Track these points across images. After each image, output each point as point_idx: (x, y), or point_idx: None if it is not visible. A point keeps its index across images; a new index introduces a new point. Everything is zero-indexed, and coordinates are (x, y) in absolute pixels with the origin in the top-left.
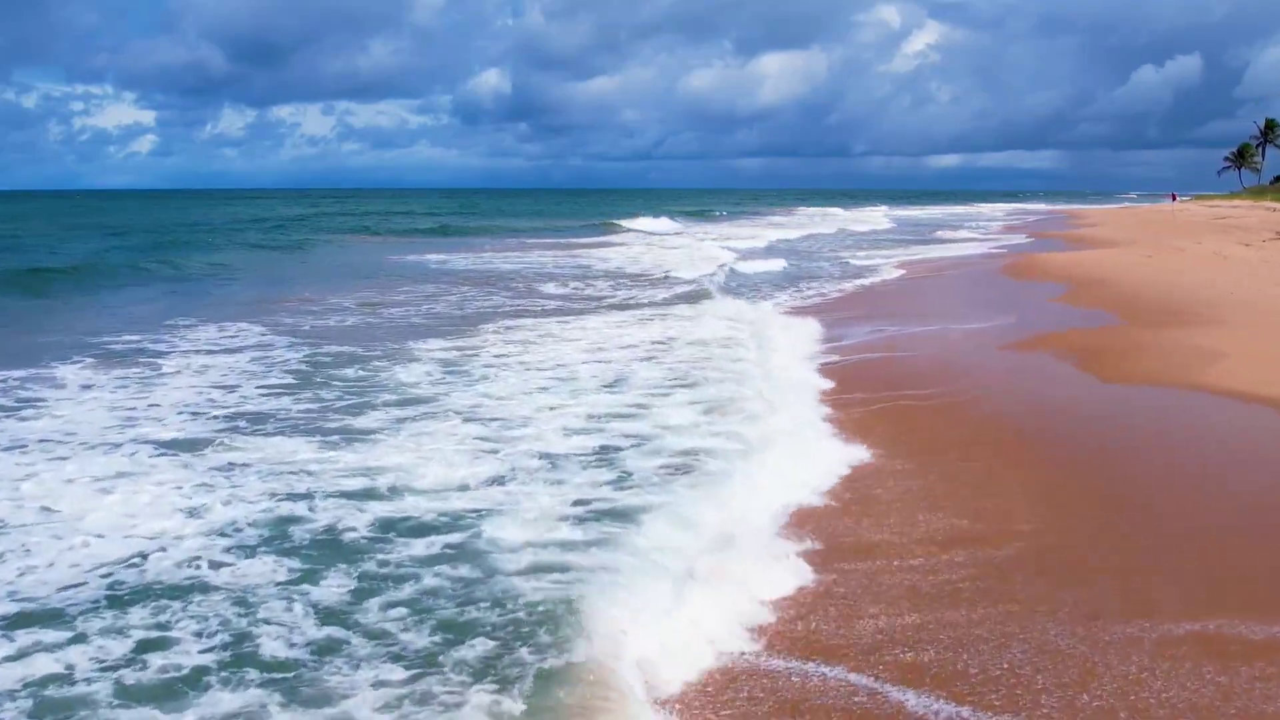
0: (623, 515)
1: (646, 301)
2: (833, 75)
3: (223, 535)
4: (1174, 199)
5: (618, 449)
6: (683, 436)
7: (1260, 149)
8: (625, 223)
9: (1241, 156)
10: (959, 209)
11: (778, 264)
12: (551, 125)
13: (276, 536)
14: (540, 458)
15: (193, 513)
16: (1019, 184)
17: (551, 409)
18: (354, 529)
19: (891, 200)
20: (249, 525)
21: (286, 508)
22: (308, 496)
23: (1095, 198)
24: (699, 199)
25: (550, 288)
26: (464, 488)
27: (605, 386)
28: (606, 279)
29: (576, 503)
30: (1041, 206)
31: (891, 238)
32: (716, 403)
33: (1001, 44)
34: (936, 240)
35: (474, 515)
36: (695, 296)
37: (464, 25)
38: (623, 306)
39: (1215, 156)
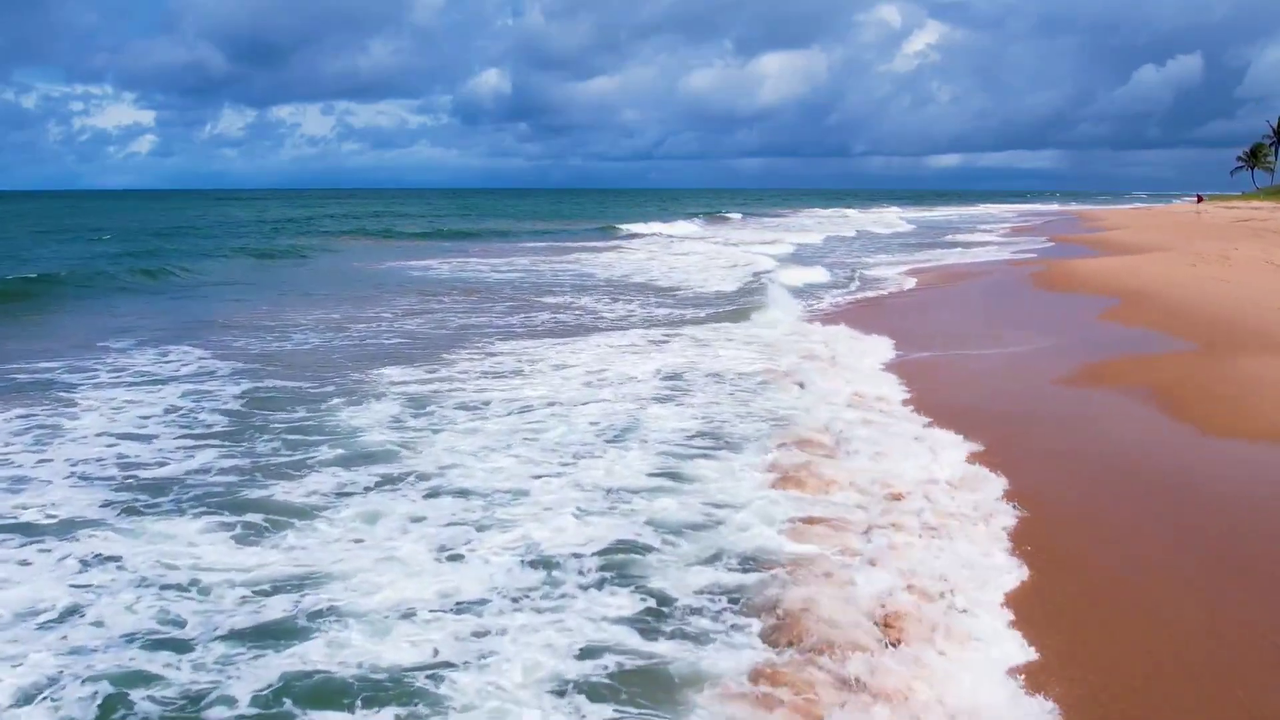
0: (669, 692)
1: (676, 319)
2: (833, 75)
3: (45, 705)
4: (1199, 200)
5: (646, 550)
6: (749, 526)
7: (1274, 148)
8: (634, 227)
9: (1254, 156)
10: (966, 210)
11: (818, 273)
12: (551, 125)
13: (118, 709)
14: (530, 564)
15: (13, 660)
16: (1019, 184)
17: (540, 476)
18: (233, 700)
19: (895, 200)
20: (86, 687)
21: (145, 659)
22: (180, 643)
23: (1103, 198)
24: (700, 199)
25: (548, 300)
26: (412, 616)
27: (616, 439)
28: (618, 292)
29: (584, 653)
30: (1052, 207)
31: (913, 240)
32: (784, 466)
33: (1002, 44)
34: (956, 244)
35: (428, 679)
36: (735, 315)
37: (464, 25)
38: (643, 323)
39: (1216, 156)
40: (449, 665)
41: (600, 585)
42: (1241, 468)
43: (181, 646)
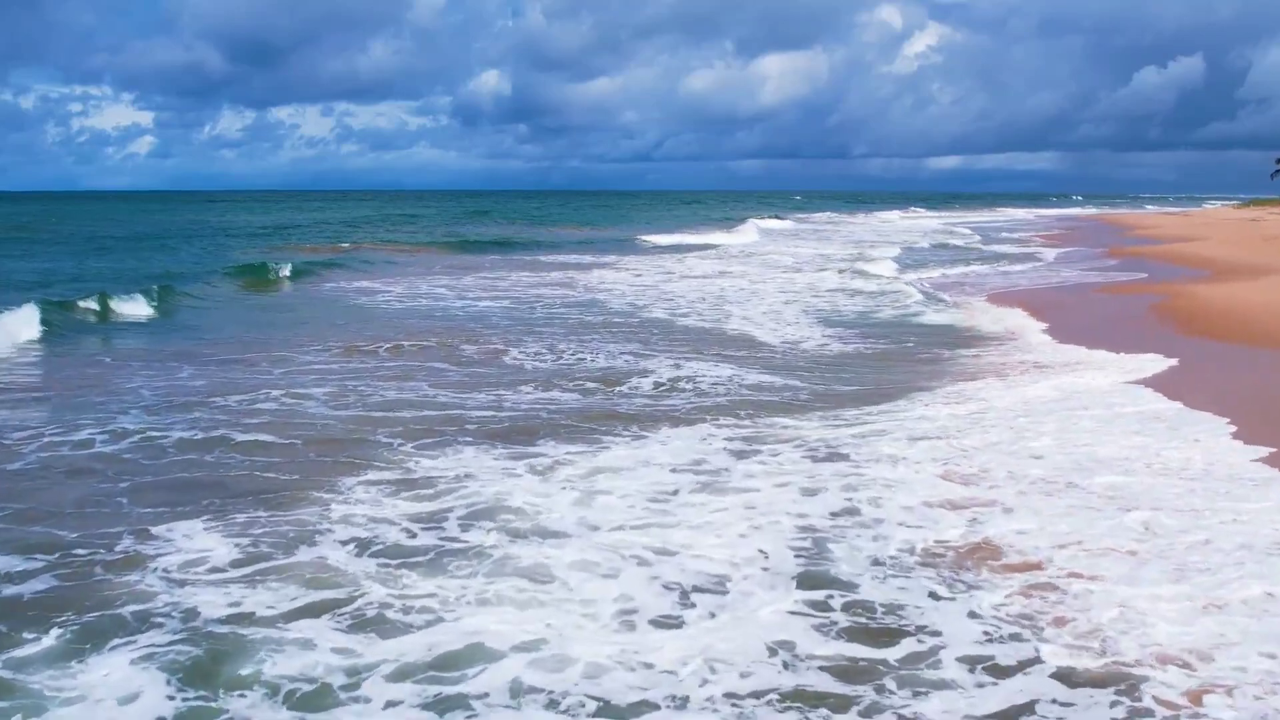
0: None
1: (786, 401)
2: (834, 76)
3: None
4: None
5: None
6: None
7: None
8: (663, 238)
9: None
10: (989, 214)
11: (1029, 318)
12: (551, 127)
13: None
14: None
15: None
16: (1020, 185)
17: None
18: None
19: (909, 202)
20: None
21: None
22: None
23: (1123, 202)
24: (705, 201)
25: (534, 363)
26: None
27: None
28: (660, 339)
29: None
30: (1085, 211)
31: (990, 252)
32: None
33: (1003, 45)
34: (1003, 256)
35: None
36: (910, 389)
37: (464, 26)
38: (717, 409)
39: (1218, 158)
40: None
41: None
42: None
43: None
